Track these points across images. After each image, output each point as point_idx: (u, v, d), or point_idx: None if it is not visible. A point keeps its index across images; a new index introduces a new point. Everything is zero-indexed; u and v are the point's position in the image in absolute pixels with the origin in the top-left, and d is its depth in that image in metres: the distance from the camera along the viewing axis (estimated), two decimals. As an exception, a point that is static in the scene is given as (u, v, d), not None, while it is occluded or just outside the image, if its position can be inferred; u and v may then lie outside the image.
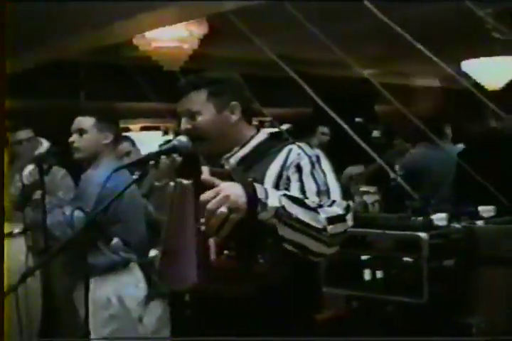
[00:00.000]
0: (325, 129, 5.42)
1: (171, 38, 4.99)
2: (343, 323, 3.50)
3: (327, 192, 1.82)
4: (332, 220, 1.72)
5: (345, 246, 1.80)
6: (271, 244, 1.72)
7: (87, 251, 2.52)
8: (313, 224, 1.70)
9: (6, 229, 3.55)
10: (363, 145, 4.05)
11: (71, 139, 3.11)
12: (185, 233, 1.76)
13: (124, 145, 4.49)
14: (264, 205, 1.66)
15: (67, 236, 2.63)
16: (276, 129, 5.90)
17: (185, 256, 1.77)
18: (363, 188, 4.22)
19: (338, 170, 1.98)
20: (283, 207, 1.68)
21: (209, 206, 1.62)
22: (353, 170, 5.44)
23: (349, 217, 1.77)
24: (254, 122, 2.09)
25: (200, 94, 1.96)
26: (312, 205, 1.73)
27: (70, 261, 2.80)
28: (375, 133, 5.83)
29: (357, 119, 6.43)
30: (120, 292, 3.03)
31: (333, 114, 4.23)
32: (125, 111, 6.44)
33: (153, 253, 2.40)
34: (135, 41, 5.04)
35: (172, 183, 1.93)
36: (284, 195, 1.71)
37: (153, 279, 2.87)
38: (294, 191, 1.81)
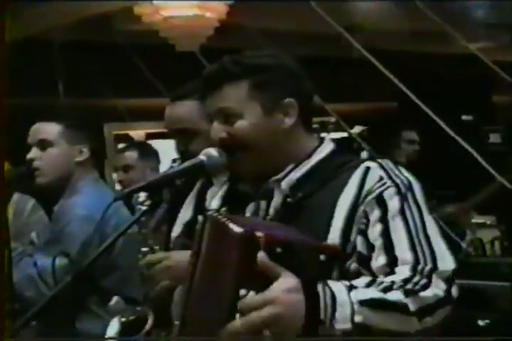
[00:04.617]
0: (412, 135, 5.35)
1: (189, 4, 5.03)
2: None
3: (428, 245, 1.80)
4: (427, 312, 1.72)
5: (455, 306, 1.78)
6: None
7: (76, 314, 2.57)
8: (400, 328, 1.71)
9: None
10: (475, 155, 4.01)
11: (30, 155, 3.11)
12: (215, 296, 1.71)
13: (126, 156, 4.50)
14: (330, 327, 1.64)
15: (43, 296, 2.64)
16: (344, 134, 5.90)
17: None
18: (477, 219, 4.18)
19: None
20: (358, 324, 1.66)
21: (249, 323, 1.56)
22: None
23: (454, 290, 1.76)
24: (315, 125, 2.09)
25: (239, 86, 1.94)
26: (400, 298, 1.70)
27: (51, 330, 2.76)
28: (493, 138, 5.76)
29: (464, 117, 6.38)
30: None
31: (427, 110, 4.22)
32: (124, 111, 6.51)
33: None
34: (137, 10, 5.10)
35: (200, 217, 1.89)
36: (361, 301, 1.67)
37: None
38: (375, 238, 1.81)
